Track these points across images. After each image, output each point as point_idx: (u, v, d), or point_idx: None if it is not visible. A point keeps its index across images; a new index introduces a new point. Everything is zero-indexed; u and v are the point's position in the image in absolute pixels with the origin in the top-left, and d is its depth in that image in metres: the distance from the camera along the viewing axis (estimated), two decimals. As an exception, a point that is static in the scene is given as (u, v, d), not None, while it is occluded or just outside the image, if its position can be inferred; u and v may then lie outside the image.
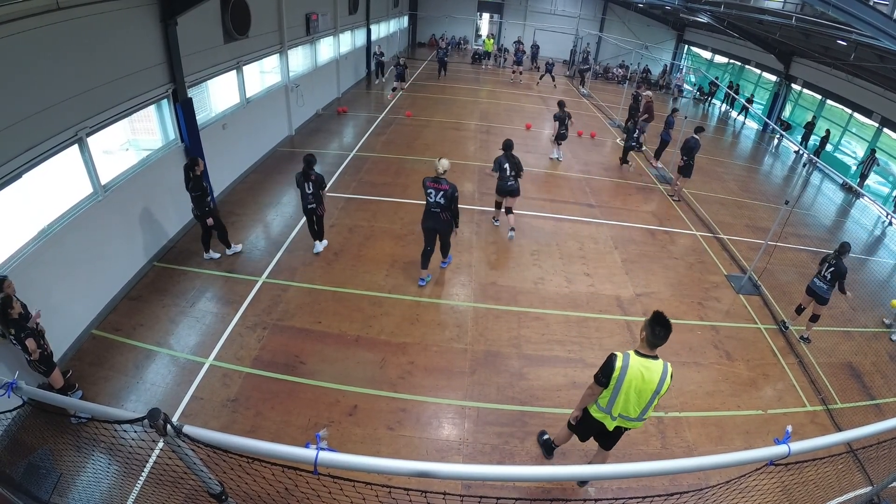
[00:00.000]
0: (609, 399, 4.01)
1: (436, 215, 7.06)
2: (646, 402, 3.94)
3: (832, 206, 14.34)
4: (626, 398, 3.93)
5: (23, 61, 4.99)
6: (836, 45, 13.73)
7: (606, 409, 4.09)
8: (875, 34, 8.44)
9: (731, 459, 2.23)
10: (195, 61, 8.35)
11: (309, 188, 7.43)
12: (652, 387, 3.85)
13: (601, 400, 4.10)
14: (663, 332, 3.72)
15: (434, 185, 6.92)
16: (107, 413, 2.35)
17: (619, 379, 3.83)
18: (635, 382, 3.83)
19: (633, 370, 3.81)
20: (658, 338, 3.75)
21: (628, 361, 3.81)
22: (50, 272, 5.51)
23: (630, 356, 3.84)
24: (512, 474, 2.22)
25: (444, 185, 6.89)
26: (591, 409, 4.25)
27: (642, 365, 3.82)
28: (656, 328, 3.73)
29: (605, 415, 4.14)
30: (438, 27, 32.20)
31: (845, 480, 5.12)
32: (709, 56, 27.40)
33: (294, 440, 4.95)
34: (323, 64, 15.95)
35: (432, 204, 6.98)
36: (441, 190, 6.89)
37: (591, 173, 12.92)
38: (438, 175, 6.90)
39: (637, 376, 3.82)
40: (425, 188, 6.99)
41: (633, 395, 3.90)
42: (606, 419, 4.17)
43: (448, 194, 6.88)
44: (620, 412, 4.05)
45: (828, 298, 7.03)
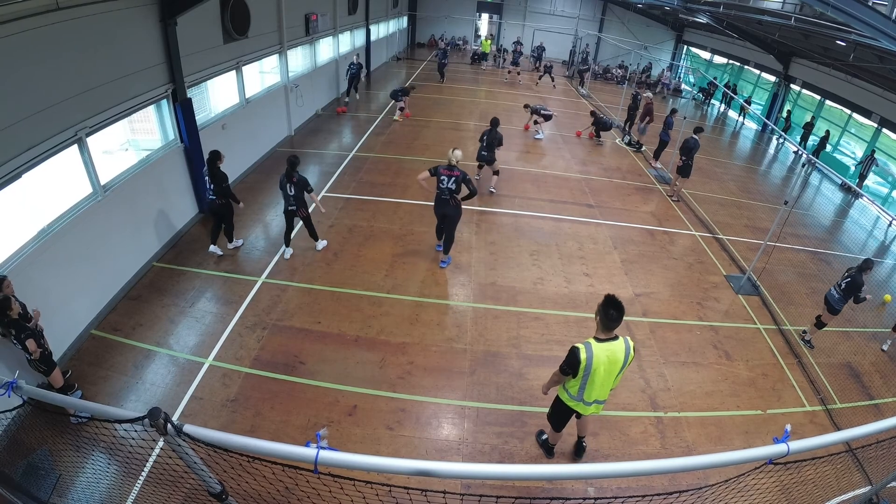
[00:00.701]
0: (579, 387, 4.18)
1: (445, 201, 7.52)
2: (612, 381, 4.17)
3: (831, 207, 14.36)
4: (597, 384, 4.11)
5: (22, 61, 4.98)
6: (836, 46, 13.75)
7: (578, 398, 4.27)
8: (874, 34, 8.46)
9: (730, 458, 2.23)
10: (195, 61, 8.35)
11: (291, 190, 7.39)
12: (618, 366, 4.06)
13: (571, 388, 4.27)
14: (617, 315, 3.88)
15: (447, 171, 7.38)
16: (107, 412, 2.35)
17: (587, 369, 4.00)
18: (602, 367, 4.00)
19: (598, 358, 3.96)
20: (612, 320, 3.91)
21: (591, 351, 3.96)
22: (49, 272, 5.51)
23: (592, 345, 3.98)
24: (511, 473, 2.22)
25: (456, 171, 7.36)
26: (564, 397, 4.42)
27: (606, 350, 3.98)
28: (611, 311, 3.89)
29: (577, 402, 4.32)
30: (438, 27, 32.23)
31: (844, 480, 5.12)
32: (708, 56, 27.42)
33: (293, 440, 4.94)
34: (322, 64, 15.95)
35: (443, 190, 7.44)
36: (453, 176, 7.36)
37: (590, 174, 12.92)
38: (452, 164, 7.37)
39: (603, 362, 3.98)
40: (438, 175, 7.41)
41: (603, 377, 4.07)
42: (580, 406, 4.34)
43: (459, 178, 7.37)
44: (595, 398, 4.24)
45: (839, 310, 6.94)
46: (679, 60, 30.00)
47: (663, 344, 6.96)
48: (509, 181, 11.81)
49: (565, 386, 4.34)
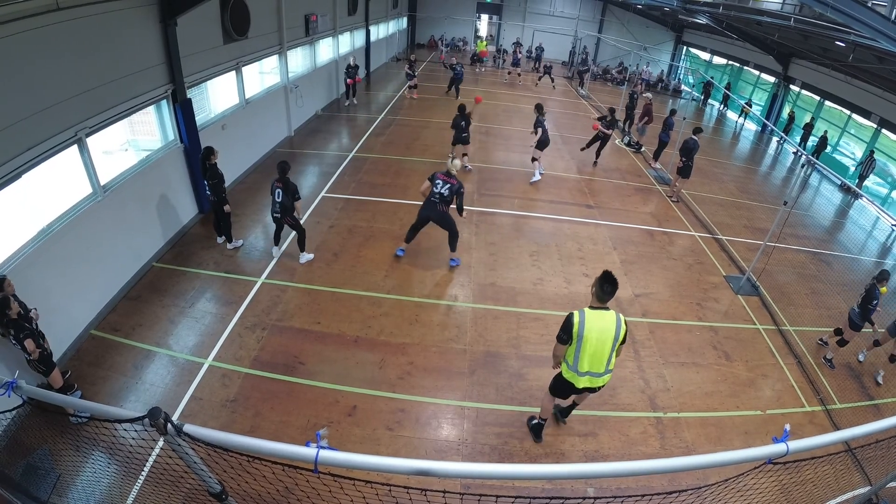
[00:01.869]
0: (574, 355, 4.41)
1: (434, 205, 7.56)
2: (608, 353, 4.37)
3: (830, 207, 14.37)
4: (591, 351, 4.33)
5: (22, 61, 4.99)
6: (835, 47, 13.76)
7: (574, 367, 4.47)
8: (873, 35, 8.46)
9: (729, 458, 2.23)
10: (195, 62, 8.35)
11: (278, 196, 7.34)
12: (610, 335, 4.29)
13: (568, 357, 4.50)
14: (610, 288, 4.24)
15: (444, 177, 7.51)
16: (107, 412, 2.35)
17: (580, 333, 4.26)
18: (595, 333, 4.26)
19: (590, 322, 4.25)
20: (606, 293, 4.25)
21: (584, 316, 4.26)
22: (49, 272, 5.51)
23: (585, 311, 4.29)
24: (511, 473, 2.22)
25: (454, 180, 7.48)
26: (563, 370, 4.63)
27: (597, 316, 4.28)
28: (605, 285, 4.23)
29: (573, 374, 4.52)
30: (438, 28, 32.25)
31: (843, 480, 5.13)
32: (707, 57, 27.44)
33: (293, 440, 4.92)
34: (322, 65, 15.96)
35: (435, 193, 7.52)
36: (449, 182, 7.47)
37: (589, 174, 12.93)
38: (450, 172, 7.51)
39: (595, 327, 4.25)
40: (433, 179, 7.53)
41: (595, 345, 4.31)
42: (574, 377, 4.53)
43: (454, 188, 7.46)
44: (588, 369, 4.43)
45: (861, 326, 6.70)
46: (678, 61, 30.02)
47: (663, 344, 6.97)
48: (509, 181, 11.83)
49: (565, 357, 4.55)
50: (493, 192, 11.19)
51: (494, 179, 11.91)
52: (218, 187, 7.59)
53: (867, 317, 6.62)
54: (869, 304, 6.56)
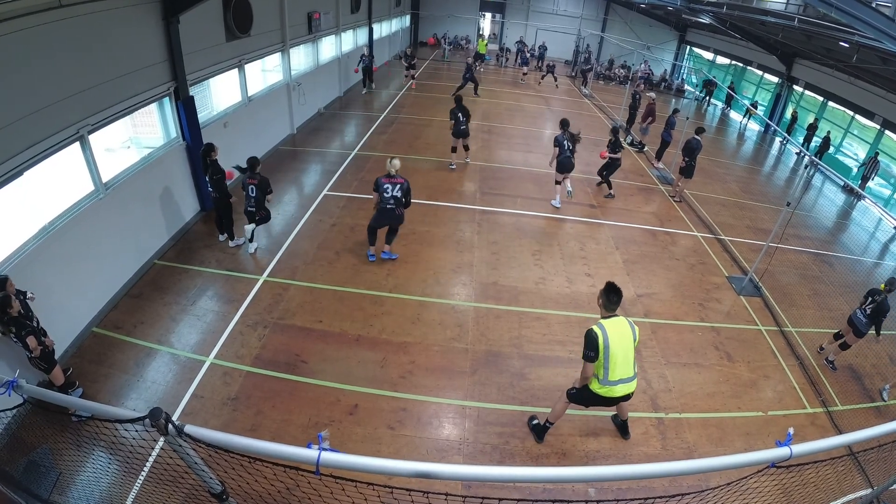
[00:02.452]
0: (604, 368, 4.48)
1: (391, 211, 7.53)
2: (632, 355, 4.53)
3: (833, 208, 14.33)
4: (617, 361, 4.44)
5: (25, 59, 4.99)
6: (839, 47, 13.70)
7: (605, 380, 4.54)
8: (877, 36, 8.42)
9: (733, 461, 2.23)
10: (197, 59, 8.35)
11: (252, 192, 7.43)
12: (629, 338, 4.47)
13: (598, 372, 4.53)
14: (617, 298, 4.45)
15: (389, 180, 7.38)
16: (108, 412, 2.35)
17: (606, 346, 4.37)
18: (617, 341, 4.39)
19: (612, 333, 4.38)
20: (614, 303, 4.46)
21: (605, 329, 4.38)
22: (51, 269, 5.51)
23: (602, 324, 4.43)
24: (512, 475, 2.21)
25: (399, 178, 7.41)
26: (593, 386, 4.63)
27: (613, 325, 4.44)
28: (612, 295, 4.45)
29: (607, 388, 4.57)
30: (441, 26, 32.20)
31: (845, 483, 5.11)
32: (711, 57, 27.38)
33: (295, 439, 4.95)
34: (325, 63, 15.94)
35: (387, 199, 7.42)
36: (397, 183, 7.39)
37: (592, 174, 12.89)
38: (391, 173, 7.37)
39: (616, 335, 4.40)
40: (380, 187, 7.38)
41: (620, 354, 4.43)
42: (609, 390, 4.59)
43: (404, 187, 7.43)
44: (620, 377, 4.52)
45: (865, 333, 6.60)
46: (682, 61, 29.95)
47: (665, 345, 6.95)
48: (511, 180, 11.81)
49: (595, 373, 4.56)
50: (495, 190, 11.17)
51: (497, 178, 11.89)
52: (220, 183, 7.61)
53: (879, 329, 6.52)
54: (883, 316, 6.42)
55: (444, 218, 9.62)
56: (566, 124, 10.03)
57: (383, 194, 7.38)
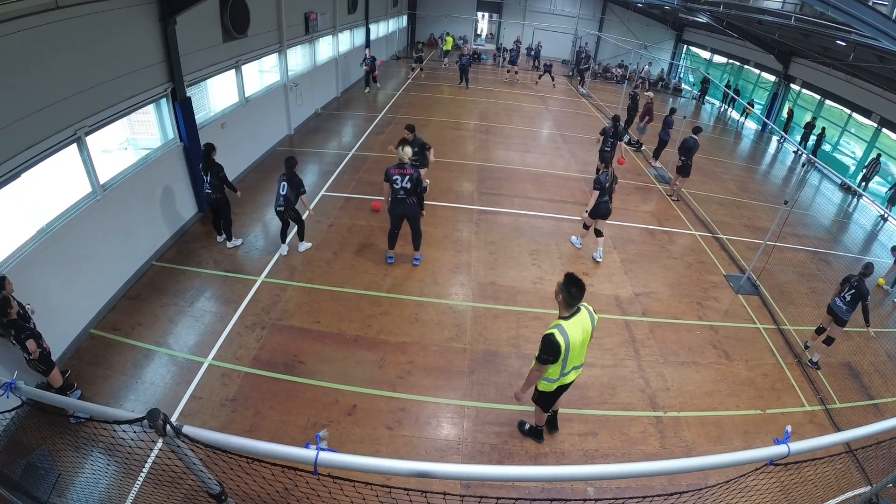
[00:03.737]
0: (560, 370, 4.37)
1: (402, 201, 7.37)
2: (586, 346, 4.43)
3: (831, 207, 14.36)
4: (574, 356, 4.33)
5: (22, 60, 4.97)
6: (836, 46, 13.74)
7: (561, 375, 4.46)
8: (874, 34, 8.45)
9: (730, 459, 2.23)
10: (194, 60, 8.33)
11: (283, 189, 7.41)
12: (588, 333, 4.31)
13: (552, 374, 4.42)
14: (578, 292, 4.10)
15: (399, 171, 7.21)
16: (106, 413, 2.34)
17: (566, 350, 4.18)
18: (576, 341, 4.21)
19: (573, 336, 4.16)
20: (575, 297, 4.12)
21: (566, 333, 4.13)
22: (49, 271, 5.50)
23: (564, 327, 4.14)
24: (511, 474, 2.21)
25: (409, 169, 7.24)
26: (544, 386, 4.59)
27: (576, 325, 4.18)
28: (572, 289, 4.10)
29: (561, 379, 4.50)
30: (438, 26, 32.21)
31: (844, 480, 5.13)
32: (708, 56, 27.42)
33: (293, 440, 4.94)
34: (322, 63, 15.93)
35: (398, 190, 7.27)
36: (406, 174, 7.21)
37: (590, 173, 12.89)
38: (402, 162, 7.23)
39: (577, 336, 4.20)
40: (390, 176, 7.24)
41: (578, 349, 4.31)
42: (562, 380, 4.53)
43: (413, 178, 7.23)
44: (573, 366, 4.47)
45: (846, 320, 6.60)
46: (679, 60, 29.99)
47: (663, 344, 6.96)
48: (509, 181, 11.81)
49: (546, 375, 4.43)
50: (492, 190, 11.18)
51: (494, 178, 11.89)
52: (225, 178, 7.63)
53: (867, 318, 6.54)
54: (864, 300, 6.46)
55: (441, 218, 9.62)
56: (609, 161, 8.45)
57: (394, 185, 7.25)
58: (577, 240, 9.20)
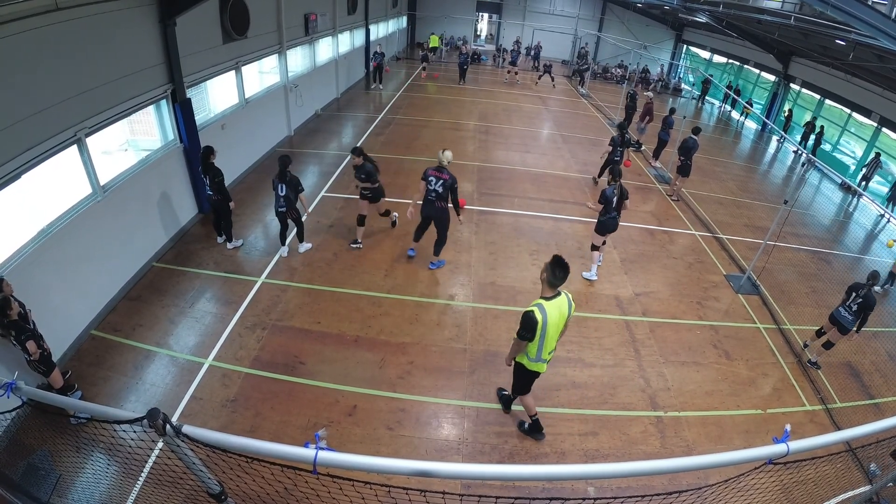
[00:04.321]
0: (537, 348, 4.52)
1: (432, 202, 7.36)
2: (561, 332, 4.57)
3: (831, 206, 14.36)
4: (550, 339, 4.49)
5: (22, 62, 4.98)
6: (835, 45, 13.74)
7: (538, 358, 4.61)
8: (874, 34, 8.44)
9: (730, 458, 2.23)
10: (194, 62, 8.34)
11: (282, 190, 7.34)
12: (564, 318, 4.46)
13: (531, 352, 4.57)
14: (562, 274, 4.21)
15: (436, 173, 7.22)
16: (106, 413, 2.35)
17: (543, 329, 4.34)
18: (554, 322, 4.37)
19: (551, 317, 4.32)
20: (559, 279, 4.24)
21: (545, 311, 4.29)
22: (49, 272, 5.50)
23: (543, 306, 4.30)
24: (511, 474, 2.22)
25: (445, 174, 7.18)
26: (524, 362, 4.72)
27: (555, 307, 4.34)
28: (557, 271, 4.21)
29: (538, 364, 4.68)
30: (437, 27, 32.22)
31: (844, 479, 5.12)
32: (707, 56, 27.42)
33: (293, 440, 4.95)
34: (322, 64, 15.94)
35: (430, 191, 7.28)
36: (441, 178, 7.19)
37: (590, 173, 12.91)
38: (441, 165, 7.21)
39: (554, 318, 4.35)
40: (426, 176, 7.27)
41: (553, 332, 4.46)
42: (540, 366, 4.71)
43: (447, 184, 7.18)
44: (548, 351, 4.60)
45: (850, 329, 6.51)
46: (679, 60, 29.99)
47: (663, 343, 6.96)
48: (509, 181, 11.82)
49: (525, 350, 4.58)
50: (492, 191, 11.18)
51: (494, 178, 11.90)
52: (221, 185, 7.60)
53: (863, 325, 6.48)
54: (869, 310, 6.36)
55: (442, 218, 9.60)
56: (618, 174, 7.86)
57: (428, 185, 7.27)
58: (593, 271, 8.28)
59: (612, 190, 7.73)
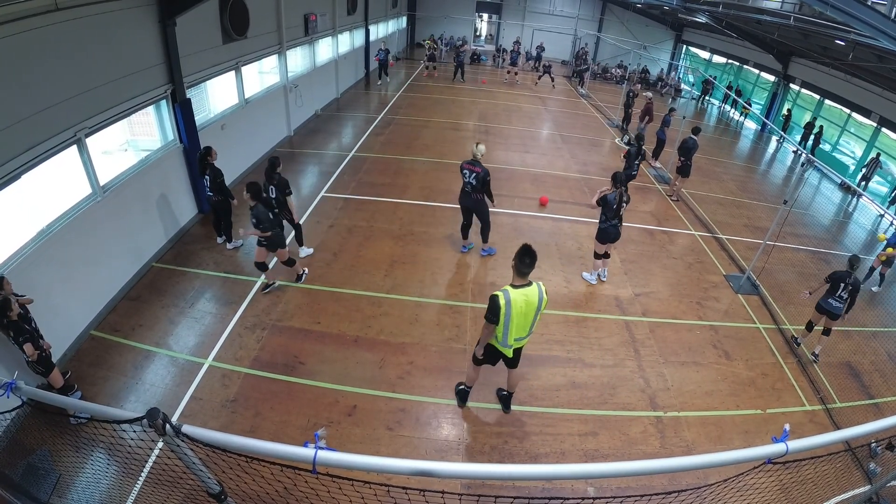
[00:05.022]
0: (503, 332, 4.64)
1: (468, 194, 7.78)
2: (531, 321, 4.66)
3: (830, 206, 14.36)
4: (516, 325, 4.58)
5: (22, 62, 4.99)
6: (835, 45, 13.75)
7: (503, 343, 4.76)
8: (873, 34, 8.45)
9: (729, 458, 2.23)
10: (194, 62, 8.35)
11: (271, 193, 7.25)
12: (534, 307, 4.52)
13: (498, 335, 4.71)
14: (530, 261, 4.35)
15: (469, 166, 7.55)
16: (106, 413, 2.35)
17: (507, 313, 4.45)
18: (519, 310, 4.46)
19: (515, 303, 4.42)
20: (527, 266, 4.36)
21: (509, 297, 4.40)
22: (49, 273, 5.50)
23: (509, 291, 4.43)
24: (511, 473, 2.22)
25: (478, 167, 7.49)
26: (494, 343, 4.87)
27: (522, 294, 4.43)
28: (525, 258, 4.34)
29: (503, 347, 4.83)
30: (437, 27, 32.22)
31: (844, 479, 5.13)
32: (707, 56, 27.43)
33: (293, 440, 4.93)
34: (321, 64, 15.95)
35: (465, 184, 7.69)
36: (475, 172, 7.52)
37: (589, 173, 12.92)
38: (475, 158, 7.52)
39: (520, 305, 4.44)
40: (462, 170, 7.64)
41: (520, 320, 4.55)
42: (507, 350, 4.86)
43: (480, 177, 7.52)
44: (515, 337, 4.72)
45: (840, 315, 6.69)
46: (678, 60, 29.99)
47: (663, 343, 6.97)
48: (509, 181, 11.82)
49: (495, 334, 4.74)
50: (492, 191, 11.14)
51: (494, 178, 11.66)
52: (221, 185, 7.62)
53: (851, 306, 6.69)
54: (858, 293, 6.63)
55: (441, 218, 9.63)
56: (620, 179, 7.48)
57: (463, 177, 7.65)
58: (592, 275, 8.20)
59: (613, 195, 7.40)
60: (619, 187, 7.44)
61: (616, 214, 7.52)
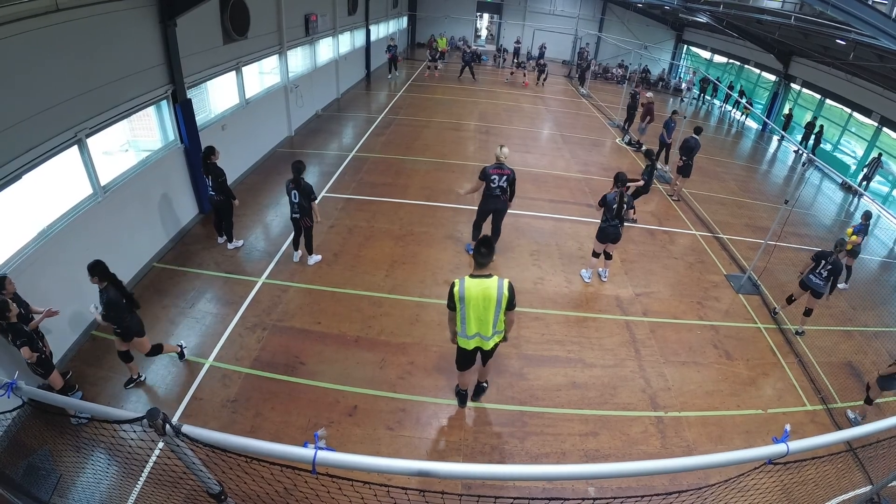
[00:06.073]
0: (461, 322, 4.70)
1: (497, 198, 7.70)
2: (492, 317, 4.63)
3: (832, 206, 14.34)
4: (475, 315, 4.61)
5: (23, 62, 4.99)
6: (836, 45, 13.73)
7: (462, 334, 4.80)
8: (874, 33, 8.44)
9: (729, 458, 2.23)
10: (194, 62, 8.35)
11: (295, 197, 7.27)
12: (492, 300, 4.52)
13: (457, 325, 4.77)
14: (487, 252, 4.44)
15: (497, 171, 7.49)
16: (106, 413, 2.35)
17: (462, 299, 4.52)
18: (475, 299, 4.51)
19: (470, 290, 4.48)
20: (482, 256, 4.44)
21: (464, 284, 4.49)
22: (50, 273, 5.51)
23: (465, 279, 4.51)
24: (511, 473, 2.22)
25: (507, 170, 7.51)
26: (460, 341, 4.92)
27: (478, 284, 4.47)
28: (481, 249, 4.43)
29: (464, 339, 4.84)
30: (438, 27, 32.21)
31: (845, 479, 5.12)
32: (708, 56, 27.41)
33: (294, 441, 4.95)
34: (322, 64, 15.95)
35: (494, 188, 7.59)
36: (504, 175, 7.51)
37: (590, 173, 12.92)
38: (500, 161, 7.47)
39: (476, 294, 4.48)
40: (488, 176, 7.51)
41: (480, 311, 4.57)
42: (465, 342, 4.87)
43: (510, 178, 7.56)
44: (477, 332, 4.74)
45: (822, 293, 7.13)
46: (679, 60, 29.97)
47: (663, 343, 6.96)
48: (509, 181, 11.80)
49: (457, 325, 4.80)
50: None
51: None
52: (224, 184, 7.62)
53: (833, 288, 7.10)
54: (838, 274, 7.01)
55: (441, 219, 9.63)
56: (622, 180, 7.45)
57: (491, 184, 7.54)
58: (588, 272, 8.25)
59: (613, 195, 7.41)
60: (621, 188, 7.44)
61: (616, 215, 7.47)
